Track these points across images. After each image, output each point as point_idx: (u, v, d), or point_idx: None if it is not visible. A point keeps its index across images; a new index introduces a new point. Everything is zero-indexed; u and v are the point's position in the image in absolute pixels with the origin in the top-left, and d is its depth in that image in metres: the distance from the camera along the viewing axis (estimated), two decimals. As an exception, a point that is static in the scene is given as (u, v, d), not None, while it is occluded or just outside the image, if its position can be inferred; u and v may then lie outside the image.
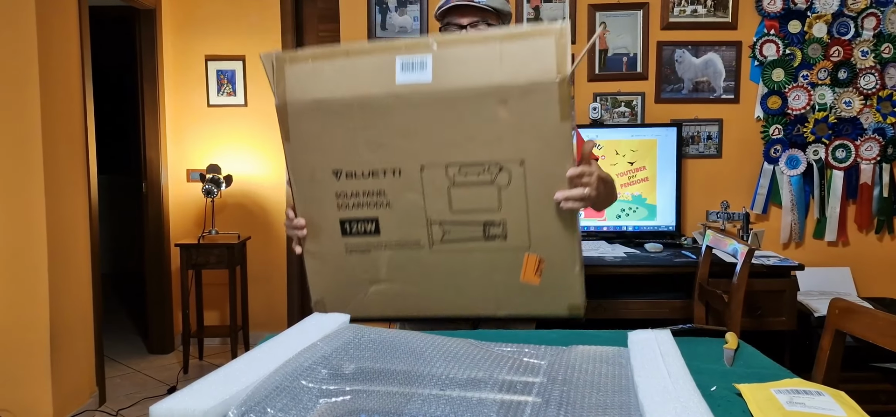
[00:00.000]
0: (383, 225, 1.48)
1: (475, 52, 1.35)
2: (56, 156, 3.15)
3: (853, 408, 1.05)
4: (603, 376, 1.11)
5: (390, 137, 1.40)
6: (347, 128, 1.42)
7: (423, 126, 1.37)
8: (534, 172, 1.38)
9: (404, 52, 1.37)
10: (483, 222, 1.43)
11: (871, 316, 1.47)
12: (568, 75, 1.32)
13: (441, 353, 1.18)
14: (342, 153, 1.44)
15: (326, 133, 1.44)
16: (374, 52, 1.39)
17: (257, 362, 1.11)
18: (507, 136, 1.35)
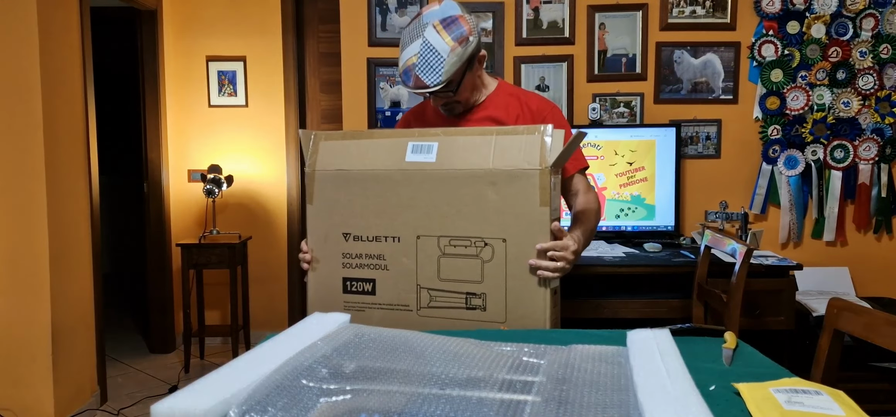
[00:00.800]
0: (379, 286, 1.66)
1: (474, 142, 1.58)
2: (57, 156, 3.16)
3: (852, 407, 1.05)
4: (602, 375, 1.11)
5: (394, 207, 1.62)
6: (361, 196, 1.65)
7: (422, 199, 1.57)
8: (513, 250, 1.55)
9: (416, 138, 1.62)
10: (466, 292, 1.60)
11: (870, 315, 1.48)
12: (549, 166, 1.51)
13: (441, 353, 1.19)
14: (354, 218, 1.66)
15: (343, 199, 1.66)
16: (393, 137, 1.65)
17: (258, 361, 1.12)
18: (493, 215, 1.55)
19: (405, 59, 1.77)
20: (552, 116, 1.91)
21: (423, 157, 1.60)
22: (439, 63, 1.74)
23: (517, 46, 3.53)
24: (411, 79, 1.75)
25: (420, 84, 1.75)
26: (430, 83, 1.74)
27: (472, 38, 1.78)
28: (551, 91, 3.54)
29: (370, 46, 3.56)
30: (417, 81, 1.75)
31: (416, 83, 1.75)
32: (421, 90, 1.76)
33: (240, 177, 4.22)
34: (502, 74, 3.53)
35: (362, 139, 1.68)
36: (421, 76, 1.74)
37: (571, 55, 3.51)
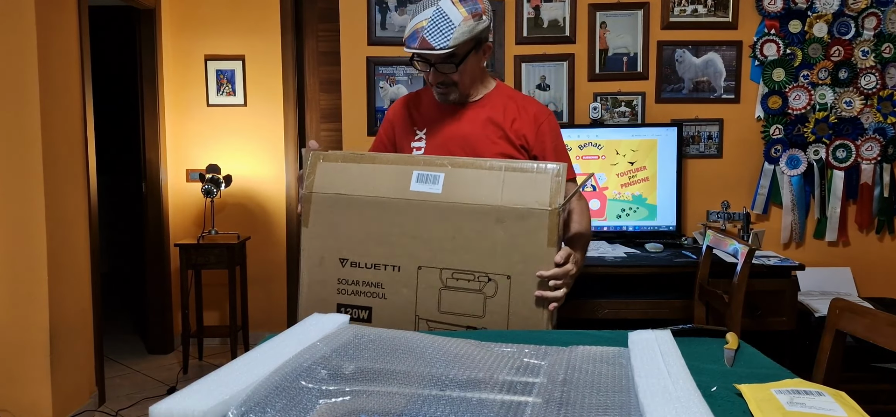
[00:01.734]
0: (376, 314, 1.62)
1: (482, 176, 1.57)
2: (56, 156, 3.15)
3: (854, 408, 1.05)
4: (603, 376, 1.11)
5: (397, 236, 1.59)
6: (360, 223, 1.61)
7: (426, 230, 1.55)
8: (517, 288, 1.55)
9: (422, 167, 1.60)
10: (466, 326, 1.58)
11: (872, 316, 1.47)
12: (559, 207, 1.52)
13: (441, 353, 1.18)
14: (352, 243, 1.62)
15: (341, 223, 1.62)
16: (396, 163, 1.63)
17: (257, 362, 1.11)
18: (500, 252, 1.54)
19: (414, 24, 1.73)
20: (548, 123, 1.90)
21: (429, 188, 1.58)
22: (450, 29, 1.71)
23: (518, 45, 3.52)
24: (417, 39, 1.72)
25: (426, 45, 1.71)
26: (437, 45, 1.70)
27: (485, 16, 1.76)
28: (552, 90, 3.53)
29: (369, 45, 3.55)
30: (423, 42, 1.71)
31: (422, 44, 1.71)
32: (426, 51, 1.72)
33: (238, 176, 4.21)
34: (502, 74, 3.52)
35: (364, 163, 1.65)
36: (428, 38, 1.70)
37: (572, 54, 3.50)
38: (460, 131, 1.89)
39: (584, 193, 1.97)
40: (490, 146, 1.86)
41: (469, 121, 1.90)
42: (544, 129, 1.89)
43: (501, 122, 1.88)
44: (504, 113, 1.89)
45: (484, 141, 1.86)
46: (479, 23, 1.75)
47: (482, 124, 1.88)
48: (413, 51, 1.75)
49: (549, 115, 1.93)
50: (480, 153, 1.83)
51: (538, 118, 1.90)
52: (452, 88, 1.85)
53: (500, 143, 1.86)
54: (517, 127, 1.88)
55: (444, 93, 1.87)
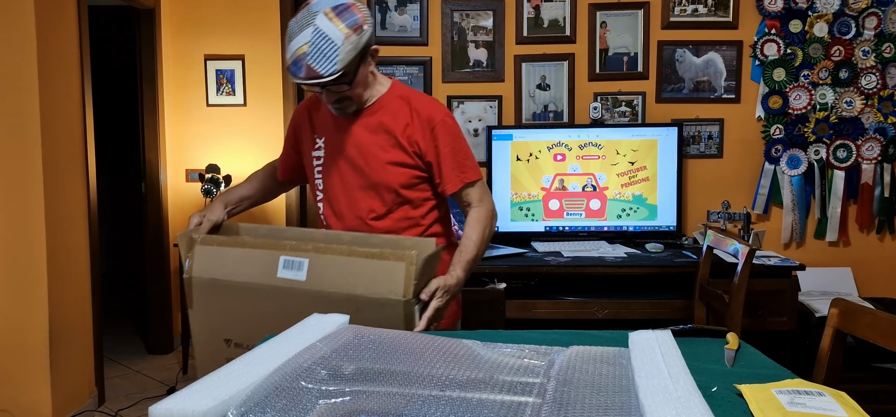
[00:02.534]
0: None
1: (343, 263, 1.58)
2: (55, 156, 3.14)
3: (854, 409, 1.04)
4: (604, 376, 1.10)
5: (270, 318, 1.57)
6: (237, 307, 1.65)
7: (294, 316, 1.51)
8: None
9: (288, 252, 1.60)
10: None
11: (872, 316, 1.47)
12: (412, 296, 1.52)
13: (441, 354, 1.17)
14: (233, 325, 1.65)
15: (221, 307, 1.66)
16: (266, 248, 1.63)
17: (257, 362, 1.11)
18: None
19: (294, 49, 1.64)
20: (442, 127, 1.81)
21: (294, 275, 1.59)
22: (333, 51, 1.62)
23: (518, 45, 3.52)
24: (303, 69, 1.63)
25: (313, 74, 1.63)
26: (325, 73, 1.62)
27: (366, 26, 1.67)
28: (552, 90, 3.52)
29: (370, 45, 3.55)
30: (310, 72, 1.62)
31: (309, 73, 1.63)
32: (314, 81, 1.64)
33: (238, 176, 4.21)
34: (502, 73, 3.51)
35: (237, 247, 1.66)
36: (314, 66, 1.62)
37: (572, 54, 3.50)
38: (354, 140, 1.83)
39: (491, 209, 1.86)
40: (381, 154, 1.80)
41: (362, 128, 1.83)
42: (437, 134, 1.80)
43: (393, 128, 1.80)
44: (396, 118, 1.81)
45: (375, 149, 1.80)
46: (362, 35, 1.66)
47: (374, 131, 1.81)
48: (300, 81, 1.66)
49: (444, 118, 1.83)
50: (372, 162, 1.80)
51: (431, 121, 1.81)
52: (348, 103, 1.77)
53: (391, 152, 1.80)
54: (409, 132, 1.80)
55: (341, 108, 1.79)
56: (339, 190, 1.86)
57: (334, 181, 1.87)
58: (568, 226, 3.39)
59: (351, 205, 1.85)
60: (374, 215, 1.82)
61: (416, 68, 3.54)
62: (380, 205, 1.82)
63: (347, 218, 1.86)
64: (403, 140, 1.80)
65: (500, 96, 3.53)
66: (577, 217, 3.38)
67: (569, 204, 3.39)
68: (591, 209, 3.37)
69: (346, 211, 1.86)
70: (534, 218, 3.39)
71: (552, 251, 3.14)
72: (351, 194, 1.85)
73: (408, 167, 1.81)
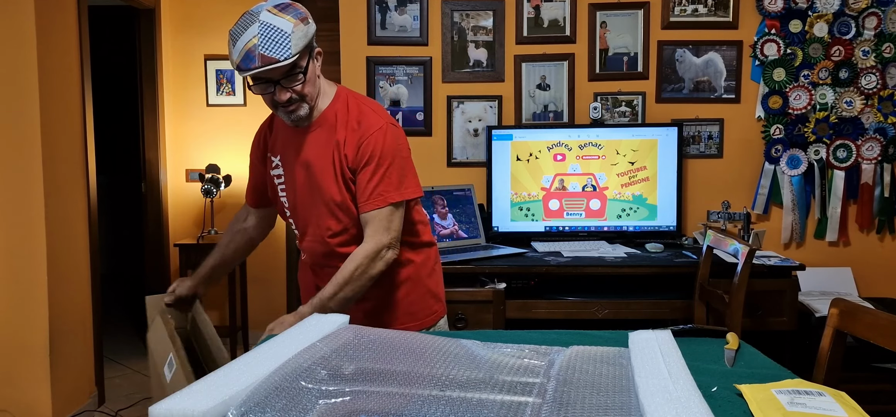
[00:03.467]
0: None
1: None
2: (55, 156, 3.14)
3: (854, 409, 1.05)
4: (604, 376, 1.10)
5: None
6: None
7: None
8: None
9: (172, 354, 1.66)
10: None
11: (873, 316, 1.47)
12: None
13: (441, 354, 1.18)
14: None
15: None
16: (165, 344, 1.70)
17: (257, 362, 1.11)
18: None
19: (243, 45, 1.59)
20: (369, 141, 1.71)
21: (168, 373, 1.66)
22: (285, 39, 1.58)
23: (518, 45, 3.52)
24: (256, 59, 1.57)
25: (268, 60, 1.57)
26: (282, 57, 1.58)
27: (310, 20, 1.66)
28: (552, 90, 3.52)
29: (369, 45, 3.55)
30: (264, 59, 1.57)
31: (264, 60, 1.57)
32: (270, 67, 1.58)
33: (238, 176, 4.21)
34: (502, 74, 3.51)
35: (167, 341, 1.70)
36: (268, 53, 1.57)
37: (572, 54, 3.50)
38: (304, 156, 1.78)
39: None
40: (328, 170, 1.74)
41: (311, 143, 1.77)
42: (363, 148, 1.71)
43: (337, 141, 1.74)
44: (339, 129, 1.75)
45: (323, 164, 1.75)
46: (309, 26, 1.65)
47: (322, 145, 1.76)
48: (254, 71, 1.59)
49: (375, 132, 1.72)
50: (320, 179, 1.75)
51: (363, 134, 1.72)
52: (301, 103, 1.70)
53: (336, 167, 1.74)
54: (347, 150, 1.73)
55: (294, 111, 1.71)
56: (300, 207, 1.83)
57: (294, 198, 1.84)
58: (568, 226, 3.39)
59: (311, 223, 1.81)
60: (330, 232, 1.79)
61: (416, 68, 3.54)
62: (335, 223, 1.77)
63: (310, 236, 1.83)
64: (339, 155, 1.74)
65: (500, 96, 3.53)
66: (577, 217, 3.38)
67: (569, 204, 3.38)
68: (591, 209, 3.37)
69: (308, 229, 1.83)
70: (534, 218, 3.39)
71: (552, 251, 3.14)
72: (309, 211, 1.81)
73: (347, 183, 1.75)
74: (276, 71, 1.61)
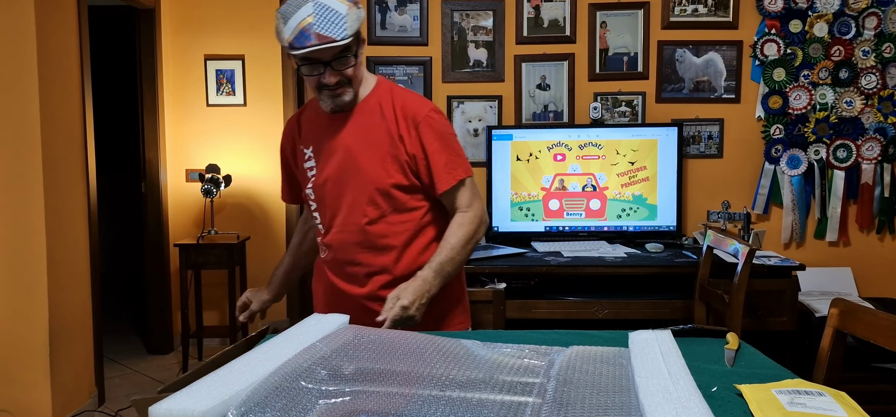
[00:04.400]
0: None
1: None
2: (55, 156, 3.14)
3: (854, 409, 1.04)
4: (604, 376, 1.10)
5: None
6: None
7: None
8: None
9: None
10: None
11: (873, 316, 1.47)
12: None
13: (441, 354, 1.17)
14: None
15: None
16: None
17: (257, 362, 1.11)
18: None
19: (297, 22, 1.58)
20: (427, 124, 1.73)
21: None
22: (341, 19, 1.58)
23: (518, 45, 3.52)
24: (311, 37, 1.57)
25: (325, 39, 1.57)
26: (338, 36, 1.57)
27: (360, 6, 1.65)
28: (552, 90, 3.52)
29: (369, 45, 3.55)
30: (321, 38, 1.57)
31: (320, 38, 1.57)
32: (326, 45, 1.58)
33: (238, 176, 4.21)
34: (502, 74, 3.51)
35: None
36: (324, 32, 1.57)
37: (572, 54, 3.50)
38: (342, 143, 1.76)
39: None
40: (370, 156, 1.73)
41: (350, 130, 1.76)
42: (422, 131, 1.73)
43: (381, 128, 1.74)
44: (383, 116, 1.75)
45: (364, 150, 1.74)
46: (360, 11, 1.64)
47: (362, 132, 1.75)
48: (309, 49, 1.58)
49: (430, 114, 1.75)
50: (362, 165, 1.73)
51: (415, 118, 1.73)
52: (347, 88, 1.70)
53: (380, 153, 1.73)
54: (396, 131, 1.74)
55: (340, 95, 1.71)
56: (330, 196, 1.80)
57: (326, 189, 1.80)
58: (568, 226, 3.39)
59: (342, 211, 1.78)
60: (368, 219, 1.76)
61: (416, 68, 3.54)
62: (373, 210, 1.75)
63: (338, 227, 1.79)
64: (391, 139, 1.73)
65: (500, 96, 3.53)
66: (577, 217, 3.38)
67: (569, 204, 3.38)
68: (591, 209, 3.37)
69: (337, 219, 1.79)
70: (534, 218, 3.39)
71: (552, 251, 3.14)
72: (341, 200, 1.78)
73: (397, 168, 1.74)
74: (329, 51, 1.61)
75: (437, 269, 1.66)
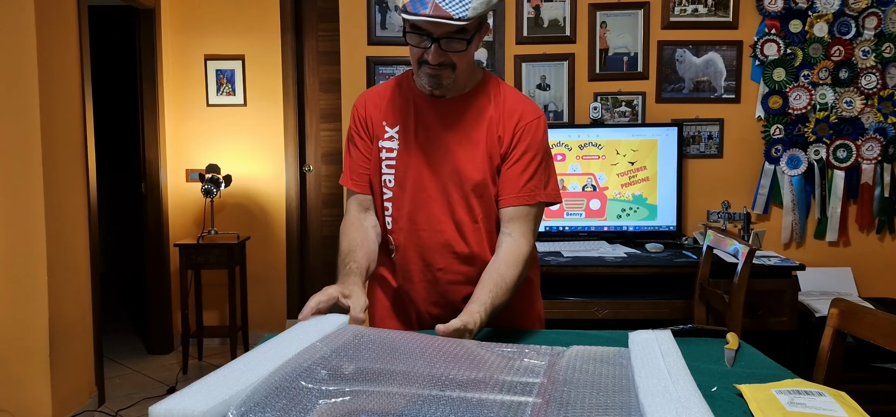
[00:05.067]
0: None
1: None
2: (55, 156, 3.14)
3: (854, 409, 1.05)
4: (604, 376, 1.10)
5: None
6: None
7: None
8: None
9: None
10: None
11: (873, 316, 1.47)
12: None
13: (441, 353, 1.18)
14: None
15: None
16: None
17: (257, 362, 1.11)
18: None
19: None
20: (530, 129, 1.57)
21: None
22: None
23: (518, 45, 3.51)
24: (428, 5, 1.39)
25: (441, 12, 1.38)
26: (455, 14, 1.39)
27: None
28: (552, 90, 3.52)
29: (369, 45, 3.54)
30: (438, 9, 1.38)
31: (436, 10, 1.38)
32: (440, 19, 1.39)
33: (238, 176, 4.21)
34: (502, 73, 3.51)
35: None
36: (443, 5, 1.39)
37: (572, 54, 3.50)
38: (437, 131, 1.57)
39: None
40: (469, 148, 1.56)
41: (448, 116, 1.57)
42: (520, 135, 1.56)
43: (484, 120, 1.57)
44: (487, 108, 1.58)
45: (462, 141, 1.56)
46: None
47: (463, 120, 1.57)
48: (424, 17, 1.40)
49: (535, 120, 1.58)
50: (462, 160, 1.56)
51: (521, 119, 1.57)
52: (448, 72, 1.51)
53: (480, 146, 1.56)
54: (498, 127, 1.57)
55: (437, 78, 1.52)
56: (413, 188, 1.58)
57: (410, 179, 1.58)
58: (568, 226, 3.39)
59: (425, 207, 1.58)
60: (455, 221, 1.57)
61: (416, 68, 3.54)
62: (464, 212, 1.57)
63: (427, 224, 1.58)
64: (493, 134, 1.56)
65: (500, 96, 3.53)
66: (577, 217, 3.38)
67: (569, 204, 3.38)
68: (591, 209, 3.37)
69: (419, 214, 1.58)
70: (534, 218, 3.39)
71: (552, 251, 3.14)
72: (432, 195, 1.58)
73: (492, 170, 1.56)
74: (441, 27, 1.43)
75: (489, 311, 1.44)
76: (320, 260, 4.50)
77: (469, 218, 1.57)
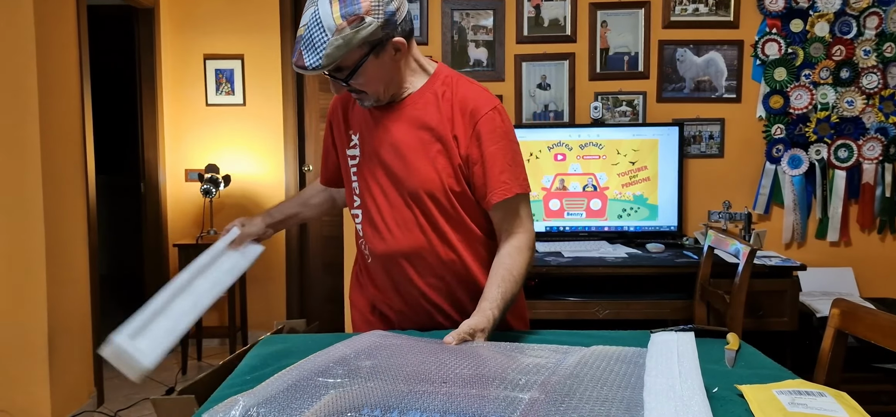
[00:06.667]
0: None
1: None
2: (54, 156, 3.14)
3: (855, 409, 1.04)
4: (614, 373, 1.11)
5: None
6: None
7: None
8: None
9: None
10: None
11: (874, 316, 1.46)
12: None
13: (448, 350, 1.19)
14: None
15: None
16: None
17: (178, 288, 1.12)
18: None
19: (300, 27, 1.44)
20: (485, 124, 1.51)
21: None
22: (322, 41, 1.39)
23: (518, 44, 3.51)
24: (295, 53, 1.44)
25: (299, 63, 1.42)
26: (308, 64, 1.40)
27: (369, 18, 1.39)
28: (552, 90, 3.52)
29: (370, 45, 3.54)
30: (298, 58, 1.42)
31: (298, 59, 1.42)
32: (300, 70, 1.43)
33: (237, 176, 4.21)
34: (502, 73, 3.51)
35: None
36: (303, 53, 1.41)
37: (573, 53, 3.49)
38: (390, 137, 1.55)
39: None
40: (421, 155, 1.52)
41: (400, 123, 1.55)
42: (481, 130, 1.50)
43: (435, 123, 1.52)
44: (438, 109, 1.53)
45: (415, 148, 1.52)
46: (360, 28, 1.38)
47: (414, 127, 1.54)
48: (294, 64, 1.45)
49: (491, 112, 1.52)
50: (412, 165, 1.52)
51: (475, 115, 1.51)
52: (363, 95, 1.52)
53: (432, 152, 1.52)
54: (451, 128, 1.52)
55: (359, 99, 1.55)
56: (380, 198, 1.57)
57: (372, 187, 1.58)
58: (568, 226, 3.38)
59: (394, 218, 1.56)
60: (417, 225, 1.55)
61: (415, 68, 3.53)
62: (422, 215, 1.54)
63: (390, 234, 1.56)
64: (446, 136, 1.52)
65: (501, 96, 3.52)
66: (578, 217, 3.37)
67: (569, 204, 3.38)
68: (592, 209, 3.36)
69: (389, 226, 1.56)
70: (534, 218, 3.38)
71: (553, 251, 3.13)
72: (392, 204, 1.56)
73: (451, 172, 1.52)
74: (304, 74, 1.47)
75: (501, 306, 1.44)
76: (319, 260, 4.50)
77: (427, 222, 1.54)
